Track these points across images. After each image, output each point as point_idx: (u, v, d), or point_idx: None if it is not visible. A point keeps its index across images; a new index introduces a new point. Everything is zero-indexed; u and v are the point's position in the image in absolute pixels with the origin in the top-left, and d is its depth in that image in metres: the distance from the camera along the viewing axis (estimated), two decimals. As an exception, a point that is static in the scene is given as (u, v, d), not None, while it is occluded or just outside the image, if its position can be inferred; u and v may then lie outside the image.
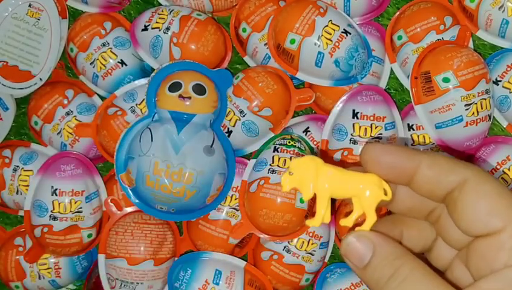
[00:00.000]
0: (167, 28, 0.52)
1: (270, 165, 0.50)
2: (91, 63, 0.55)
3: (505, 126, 0.52)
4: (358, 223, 0.26)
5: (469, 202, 0.23)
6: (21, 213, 0.57)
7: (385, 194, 0.25)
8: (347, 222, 0.26)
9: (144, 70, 0.56)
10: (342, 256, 0.25)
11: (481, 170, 0.24)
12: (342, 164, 0.50)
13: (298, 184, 0.25)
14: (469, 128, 0.49)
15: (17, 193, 0.55)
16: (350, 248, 0.24)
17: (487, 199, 0.23)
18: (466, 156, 0.52)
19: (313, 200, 0.44)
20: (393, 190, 0.26)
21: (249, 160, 0.52)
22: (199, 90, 0.50)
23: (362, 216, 0.26)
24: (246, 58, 0.55)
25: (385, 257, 0.24)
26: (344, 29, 0.50)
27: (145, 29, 0.53)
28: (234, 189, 0.52)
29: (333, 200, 0.26)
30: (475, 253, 0.24)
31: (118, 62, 0.55)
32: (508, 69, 0.50)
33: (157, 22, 0.53)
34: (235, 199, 0.52)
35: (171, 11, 0.53)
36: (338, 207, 0.53)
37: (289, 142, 0.50)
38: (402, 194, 0.27)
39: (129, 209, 0.53)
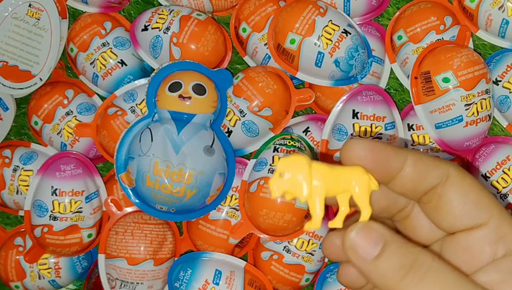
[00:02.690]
0: (167, 28, 0.52)
1: (270, 165, 0.50)
2: (91, 63, 0.55)
3: (505, 126, 0.52)
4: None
5: (456, 195, 0.23)
6: (21, 213, 0.57)
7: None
8: (336, 223, 0.24)
9: (144, 71, 0.56)
10: (346, 250, 0.22)
11: (460, 167, 0.24)
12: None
13: (289, 187, 0.23)
14: (469, 129, 0.49)
15: (17, 193, 0.55)
16: (359, 238, 0.22)
17: (472, 192, 0.23)
18: (467, 157, 0.52)
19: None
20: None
21: (249, 160, 0.52)
22: (199, 90, 0.50)
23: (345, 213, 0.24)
24: (246, 58, 0.55)
25: (401, 245, 0.22)
26: (344, 29, 0.50)
27: (145, 29, 0.53)
28: (234, 189, 0.52)
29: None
30: (456, 247, 0.23)
31: (118, 62, 0.55)
32: (508, 69, 0.50)
33: (157, 22, 0.53)
34: (235, 199, 0.52)
35: (171, 11, 0.53)
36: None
37: (289, 142, 0.50)
38: (377, 195, 0.25)
39: (129, 209, 0.53)
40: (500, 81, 0.50)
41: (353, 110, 0.50)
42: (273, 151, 0.50)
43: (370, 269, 0.22)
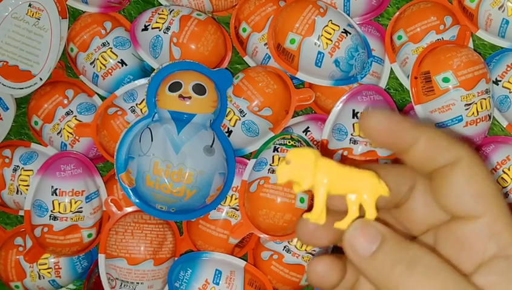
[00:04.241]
0: (168, 28, 0.52)
1: (270, 165, 0.50)
2: (91, 63, 0.55)
3: (505, 126, 0.52)
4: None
5: (459, 182, 0.23)
6: (21, 213, 0.57)
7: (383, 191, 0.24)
8: (342, 224, 0.24)
9: (144, 70, 0.56)
10: (345, 246, 0.23)
11: (474, 152, 0.24)
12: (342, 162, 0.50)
13: (294, 175, 0.23)
14: (469, 128, 0.49)
15: (17, 193, 0.55)
16: (357, 234, 0.22)
17: (476, 181, 0.23)
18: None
19: (312, 200, 0.44)
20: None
21: (249, 160, 0.52)
22: (199, 90, 0.50)
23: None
24: (246, 58, 0.55)
25: (399, 242, 0.22)
26: (344, 29, 0.50)
27: (145, 29, 0.53)
28: (234, 189, 0.52)
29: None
30: (451, 236, 0.23)
31: (118, 62, 0.55)
32: (508, 69, 0.50)
33: (157, 22, 0.53)
34: (235, 199, 0.52)
35: (171, 11, 0.53)
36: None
37: (289, 142, 0.50)
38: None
39: (129, 209, 0.53)
40: (500, 81, 0.50)
41: (353, 110, 0.50)
42: (273, 151, 0.50)
43: (367, 266, 0.22)
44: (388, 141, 0.24)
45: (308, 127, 0.53)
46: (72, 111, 0.55)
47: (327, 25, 0.49)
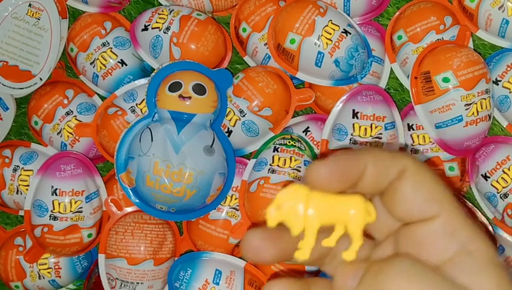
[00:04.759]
0: (168, 28, 0.52)
1: (270, 165, 0.50)
2: (91, 63, 0.55)
3: (505, 126, 0.52)
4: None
5: (408, 190, 0.24)
6: (21, 213, 0.57)
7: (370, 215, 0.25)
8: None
9: (144, 70, 0.56)
10: None
11: (417, 160, 0.25)
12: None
13: (285, 217, 0.24)
14: (469, 128, 0.49)
15: (17, 193, 0.55)
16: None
17: (425, 187, 0.24)
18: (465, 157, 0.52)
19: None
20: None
21: (249, 160, 0.52)
22: (199, 90, 0.50)
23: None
24: (246, 58, 0.55)
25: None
26: (344, 29, 0.50)
27: (145, 29, 0.53)
28: (234, 189, 0.52)
29: None
30: (410, 238, 0.24)
31: (119, 62, 0.55)
32: (508, 68, 0.50)
33: (157, 22, 0.53)
34: (235, 199, 0.52)
35: (171, 11, 0.53)
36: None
37: (289, 142, 0.50)
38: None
39: (129, 209, 0.53)
40: (500, 81, 0.50)
41: (353, 110, 0.50)
42: (273, 151, 0.50)
43: None
44: (345, 183, 0.24)
45: (308, 127, 0.53)
46: (72, 111, 0.55)
47: (327, 25, 0.49)
